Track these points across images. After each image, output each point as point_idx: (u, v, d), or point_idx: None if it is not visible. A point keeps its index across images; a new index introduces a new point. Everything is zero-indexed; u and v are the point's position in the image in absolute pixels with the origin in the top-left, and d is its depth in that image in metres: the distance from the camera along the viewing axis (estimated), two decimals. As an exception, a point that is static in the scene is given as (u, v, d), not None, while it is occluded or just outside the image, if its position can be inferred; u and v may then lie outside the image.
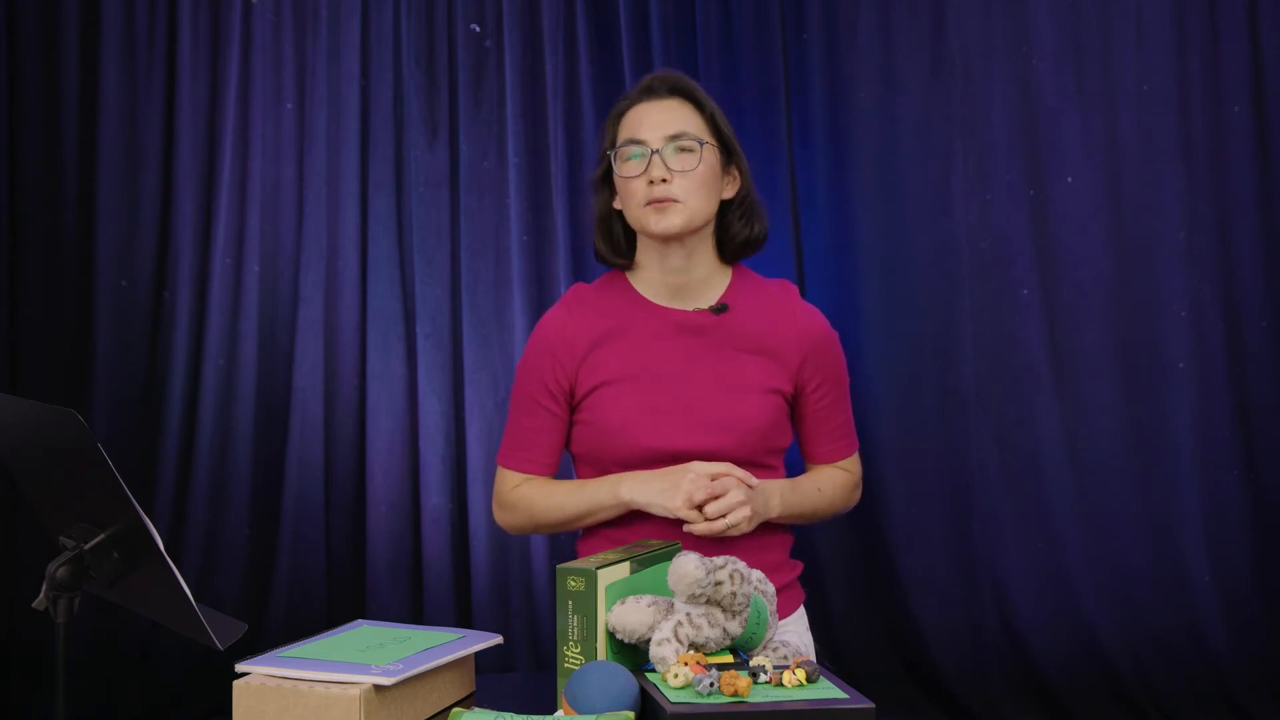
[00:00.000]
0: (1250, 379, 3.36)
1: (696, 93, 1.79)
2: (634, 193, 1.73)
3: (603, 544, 1.77)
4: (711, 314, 1.77)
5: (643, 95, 1.78)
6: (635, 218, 1.75)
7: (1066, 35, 3.40)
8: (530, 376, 1.81)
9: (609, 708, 1.22)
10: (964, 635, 3.38)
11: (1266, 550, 3.35)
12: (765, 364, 1.76)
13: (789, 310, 1.81)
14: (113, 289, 3.35)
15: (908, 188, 3.44)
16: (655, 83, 1.79)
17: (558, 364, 1.78)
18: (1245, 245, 3.36)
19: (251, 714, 1.26)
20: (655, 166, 1.71)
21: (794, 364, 1.77)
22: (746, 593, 1.37)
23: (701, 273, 1.79)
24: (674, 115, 1.75)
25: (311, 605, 3.35)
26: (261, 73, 3.41)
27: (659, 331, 1.77)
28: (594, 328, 1.78)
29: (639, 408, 1.72)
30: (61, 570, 1.23)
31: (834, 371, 1.83)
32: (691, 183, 1.72)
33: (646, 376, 1.74)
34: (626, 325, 1.78)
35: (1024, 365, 3.40)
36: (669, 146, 1.72)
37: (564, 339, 1.79)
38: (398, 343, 3.43)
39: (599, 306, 1.81)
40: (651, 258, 1.78)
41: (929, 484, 3.41)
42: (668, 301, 1.79)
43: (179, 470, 3.35)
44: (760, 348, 1.77)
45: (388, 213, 3.43)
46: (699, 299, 1.78)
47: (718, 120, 1.79)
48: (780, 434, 1.78)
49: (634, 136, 1.74)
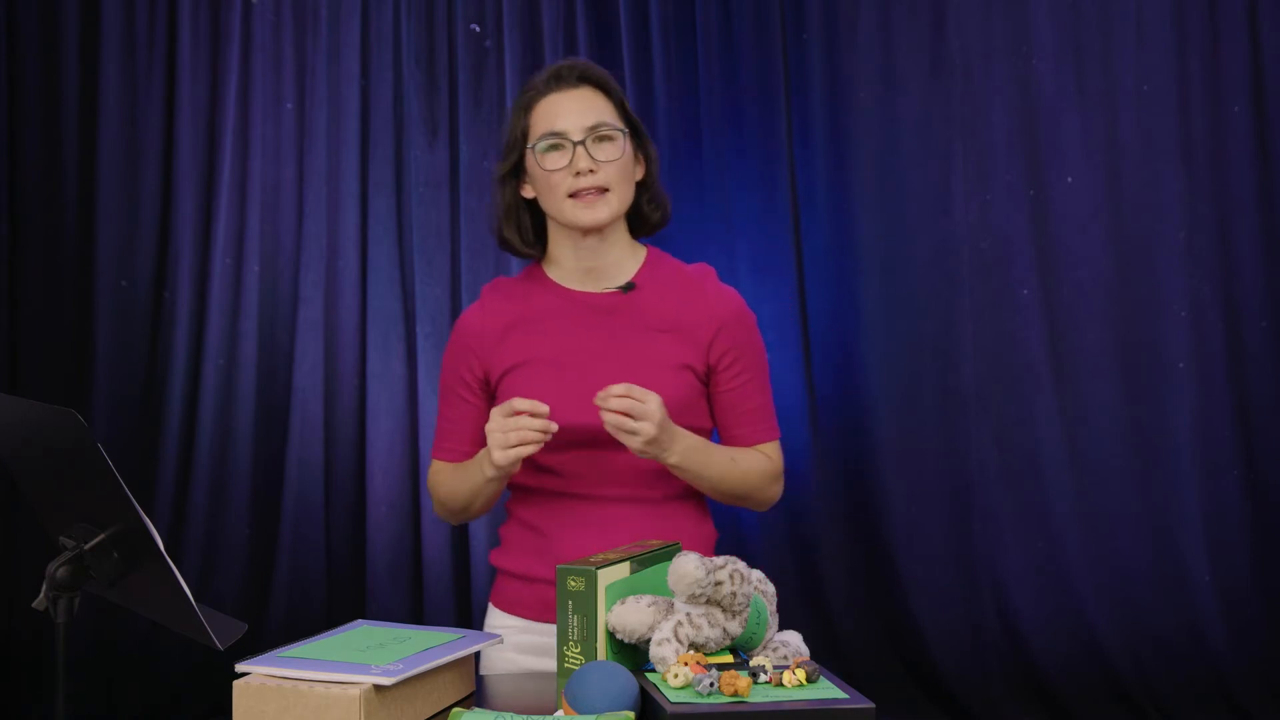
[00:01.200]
0: (1250, 379, 3.36)
1: (606, 80, 1.78)
2: (556, 185, 1.72)
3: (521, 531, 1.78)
4: (620, 293, 1.77)
5: (552, 85, 1.76)
6: (559, 210, 1.73)
7: (1066, 35, 3.40)
8: (449, 369, 1.84)
9: (609, 708, 1.22)
10: (964, 635, 3.38)
11: (1266, 550, 3.35)
12: (676, 342, 1.75)
13: (701, 289, 1.80)
14: (113, 289, 3.35)
15: (908, 188, 3.44)
16: (564, 71, 1.77)
17: (472, 354, 1.80)
18: (1245, 245, 3.36)
19: (251, 714, 1.26)
20: (580, 158, 1.70)
21: (704, 341, 1.76)
22: (746, 593, 1.37)
23: (614, 255, 1.79)
24: (589, 105, 1.74)
25: (311, 605, 3.35)
26: (261, 73, 3.41)
27: (569, 314, 1.78)
28: (506, 316, 1.80)
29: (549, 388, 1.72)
30: (61, 570, 1.23)
31: (748, 351, 1.80)
32: (617, 170, 1.72)
33: (557, 358, 1.75)
34: (538, 310, 1.79)
35: (1024, 365, 3.40)
36: (590, 137, 1.71)
37: (476, 330, 1.81)
38: (398, 343, 3.43)
39: (512, 295, 1.82)
40: (565, 245, 1.78)
41: (929, 484, 3.41)
42: (580, 285, 1.79)
43: (179, 470, 3.35)
44: (671, 326, 1.76)
45: (388, 213, 3.43)
46: (610, 280, 1.79)
47: (626, 106, 1.79)
48: (695, 414, 1.77)
49: (553, 129, 1.72)
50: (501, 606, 1.79)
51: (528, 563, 1.75)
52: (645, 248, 1.84)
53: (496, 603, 1.81)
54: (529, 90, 1.78)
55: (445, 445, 1.84)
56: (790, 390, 3.39)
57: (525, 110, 1.77)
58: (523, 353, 1.76)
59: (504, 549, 1.82)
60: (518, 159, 1.77)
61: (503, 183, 1.80)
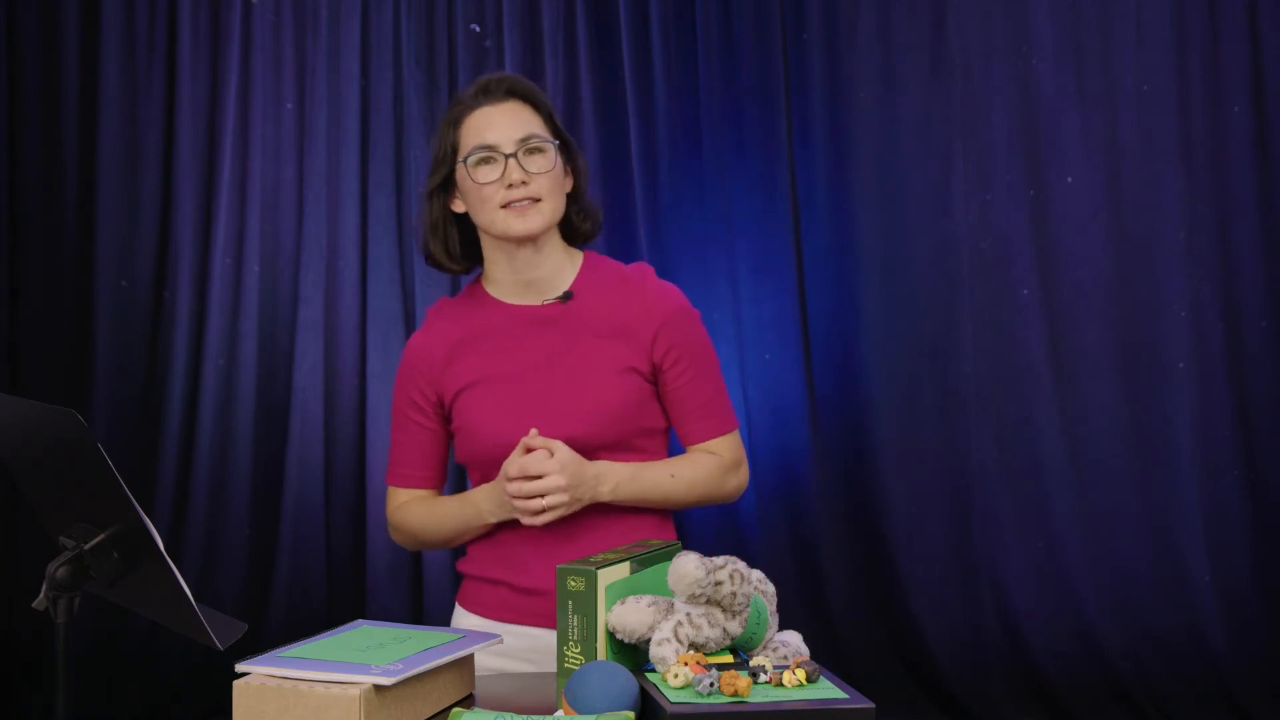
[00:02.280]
0: (1250, 379, 3.36)
1: (534, 93, 1.79)
2: (489, 197, 1.72)
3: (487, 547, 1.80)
4: (560, 304, 1.77)
5: (480, 99, 1.76)
6: (491, 221, 1.73)
7: (1066, 35, 3.40)
8: (400, 394, 1.85)
9: (609, 708, 1.22)
10: (964, 635, 3.38)
11: (1266, 550, 3.35)
12: (618, 346, 1.75)
13: (639, 289, 1.80)
14: (113, 289, 3.35)
15: (908, 188, 3.44)
16: (491, 85, 1.77)
17: (421, 377, 1.81)
18: (1245, 245, 3.36)
19: (251, 714, 1.26)
20: (513, 170, 1.71)
21: (646, 340, 1.76)
22: (746, 593, 1.37)
23: (550, 265, 1.79)
24: (518, 118, 1.74)
25: (311, 605, 3.35)
26: (261, 73, 3.41)
27: (512, 329, 1.78)
28: (449, 337, 1.80)
29: (499, 406, 1.74)
30: (61, 570, 1.23)
31: (691, 347, 1.79)
32: (549, 182, 1.73)
33: (504, 374, 1.76)
34: (481, 329, 1.79)
35: (1024, 365, 3.40)
36: (521, 149, 1.72)
37: (422, 355, 1.81)
38: (398, 343, 3.43)
39: (455, 316, 1.83)
40: (499, 259, 1.78)
41: (929, 484, 3.41)
42: (519, 299, 1.80)
43: (179, 470, 3.35)
44: (612, 330, 1.76)
45: (388, 213, 3.43)
46: (549, 291, 1.79)
47: (555, 119, 1.80)
48: (647, 415, 1.77)
49: (484, 142, 1.72)
50: (466, 606, 1.83)
51: (489, 569, 1.79)
52: (582, 254, 1.84)
53: (461, 602, 1.85)
54: (457, 105, 1.78)
55: (401, 471, 1.85)
56: (790, 390, 3.39)
57: (454, 124, 1.77)
58: (471, 372, 1.77)
59: (469, 558, 1.85)
60: (447, 173, 1.77)
61: (430, 198, 1.80)
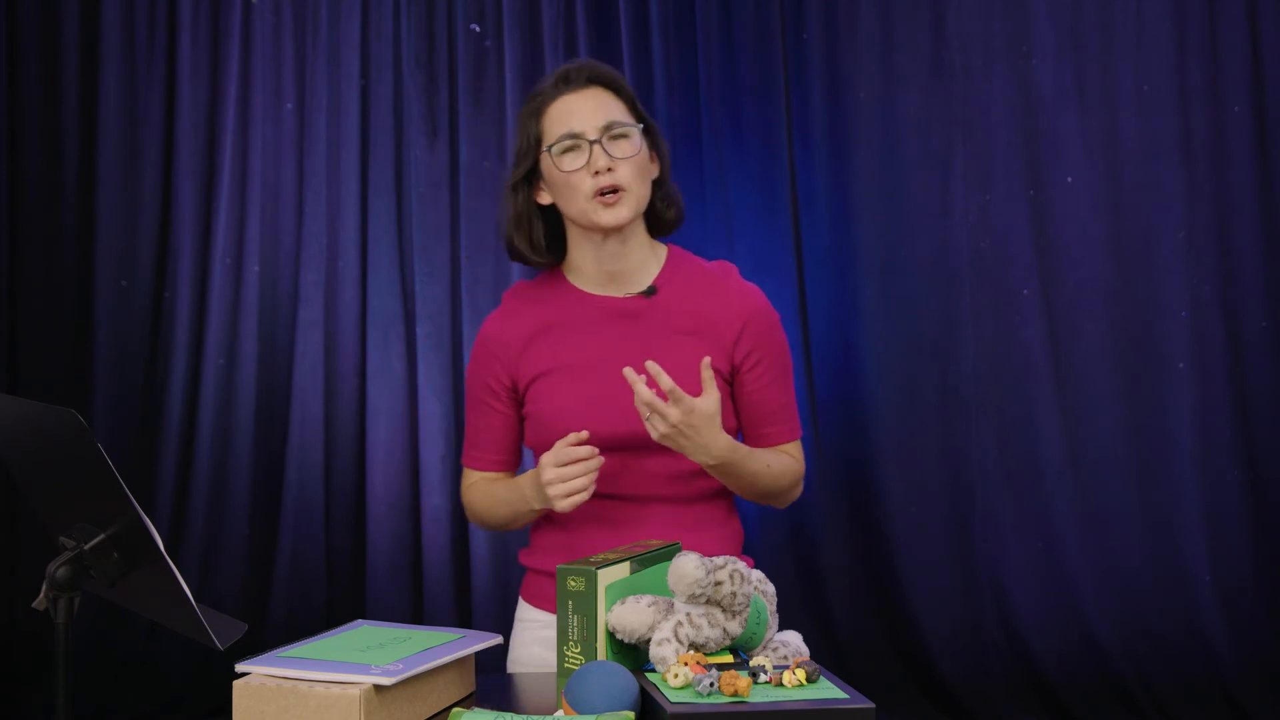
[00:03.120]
0: (1250, 379, 3.36)
1: (615, 79, 1.77)
2: (578, 186, 1.70)
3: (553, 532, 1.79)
4: (643, 298, 1.76)
5: (561, 88, 1.74)
6: (581, 211, 1.71)
7: (1066, 35, 3.40)
8: (474, 377, 1.84)
9: (609, 708, 1.22)
10: (964, 635, 3.38)
11: (1266, 550, 3.35)
12: (699, 343, 1.74)
13: (724, 288, 1.79)
14: (113, 289, 3.35)
15: (908, 188, 3.44)
16: (571, 73, 1.76)
17: (497, 362, 1.80)
18: (1245, 245, 3.36)
19: (251, 714, 1.26)
20: (598, 157, 1.68)
21: (729, 341, 1.75)
22: (746, 593, 1.37)
23: (636, 257, 1.77)
24: (601, 104, 1.73)
25: (311, 605, 3.35)
26: (261, 73, 3.41)
27: (593, 319, 1.76)
28: (528, 323, 1.79)
29: (576, 396, 1.72)
30: (61, 570, 1.23)
31: (773, 349, 1.79)
32: (634, 168, 1.71)
33: (582, 365, 1.74)
34: (561, 317, 1.78)
35: (1024, 365, 3.40)
36: (605, 135, 1.70)
37: (499, 339, 1.80)
38: (398, 343, 3.43)
39: (534, 300, 1.82)
40: (585, 249, 1.77)
41: (929, 484, 3.41)
42: (601, 289, 1.78)
43: (179, 470, 3.35)
44: (695, 328, 1.75)
45: (388, 213, 3.43)
46: (633, 284, 1.78)
47: (637, 104, 1.78)
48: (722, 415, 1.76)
49: (569, 130, 1.71)
50: (529, 600, 1.83)
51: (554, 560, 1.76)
52: (666, 247, 1.83)
53: (525, 596, 1.85)
54: (537, 95, 1.77)
55: (475, 454, 1.85)
56: (790, 390, 3.39)
57: (536, 115, 1.75)
58: (549, 360, 1.76)
59: (532, 550, 1.83)
60: (532, 165, 1.76)
61: (514, 190, 1.78)
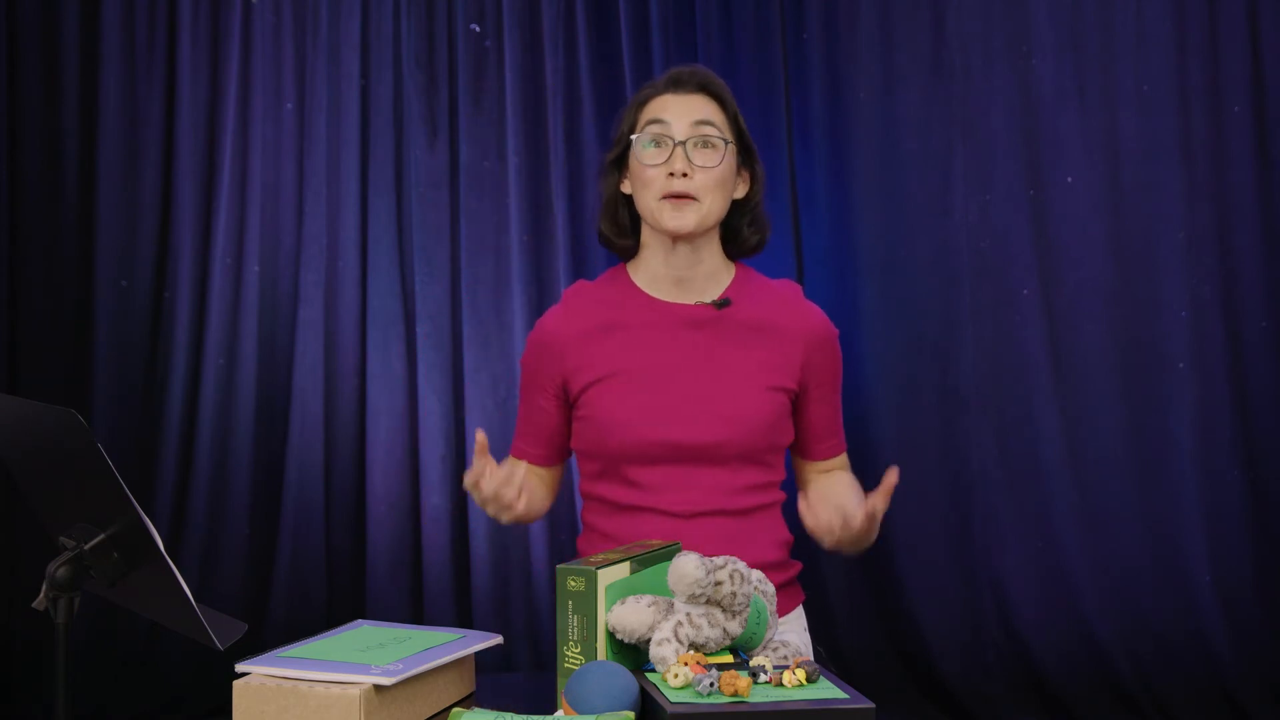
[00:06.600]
0: (1250, 379, 3.36)
1: (722, 92, 1.78)
2: (651, 182, 1.70)
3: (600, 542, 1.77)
4: (713, 309, 1.76)
5: (669, 87, 1.76)
6: (649, 209, 1.72)
7: (1066, 35, 3.40)
8: (528, 370, 1.84)
9: (609, 708, 1.22)
10: (964, 635, 3.38)
11: (1266, 550, 3.34)
12: (768, 359, 1.74)
13: (792, 307, 1.80)
14: (113, 289, 3.35)
15: (908, 188, 3.44)
16: (684, 76, 1.77)
17: (551, 358, 1.78)
18: (1245, 245, 3.36)
19: (251, 714, 1.26)
20: (677, 159, 1.69)
21: (798, 361, 1.76)
22: (746, 593, 1.37)
23: (706, 269, 1.77)
24: (699, 109, 1.74)
25: (311, 605, 3.35)
26: (261, 73, 3.41)
27: (657, 325, 1.75)
28: (587, 323, 1.77)
29: (637, 401, 1.71)
30: (61, 570, 1.23)
31: (834, 369, 1.83)
32: (711, 180, 1.71)
33: (644, 370, 1.73)
34: (623, 319, 1.77)
35: (1024, 365, 3.40)
36: (693, 139, 1.71)
37: (555, 336, 1.79)
38: (398, 343, 3.43)
39: (597, 300, 1.80)
40: (656, 250, 1.77)
41: (929, 484, 3.41)
42: (668, 295, 1.77)
43: (179, 470, 3.35)
44: (763, 343, 1.75)
45: (388, 213, 3.43)
46: (701, 294, 1.77)
47: (739, 121, 1.79)
48: (782, 431, 1.77)
49: (658, 118, 1.72)
50: None
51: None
52: (735, 265, 1.84)
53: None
54: (646, 88, 1.79)
55: (519, 444, 1.86)
56: (790, 390, 3.38)
57: (639, 106, 1.78)
58: (608, 364, 1.74)
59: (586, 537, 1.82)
60: (623, 151, 1.77)
61: (605, 173, 1.81)
